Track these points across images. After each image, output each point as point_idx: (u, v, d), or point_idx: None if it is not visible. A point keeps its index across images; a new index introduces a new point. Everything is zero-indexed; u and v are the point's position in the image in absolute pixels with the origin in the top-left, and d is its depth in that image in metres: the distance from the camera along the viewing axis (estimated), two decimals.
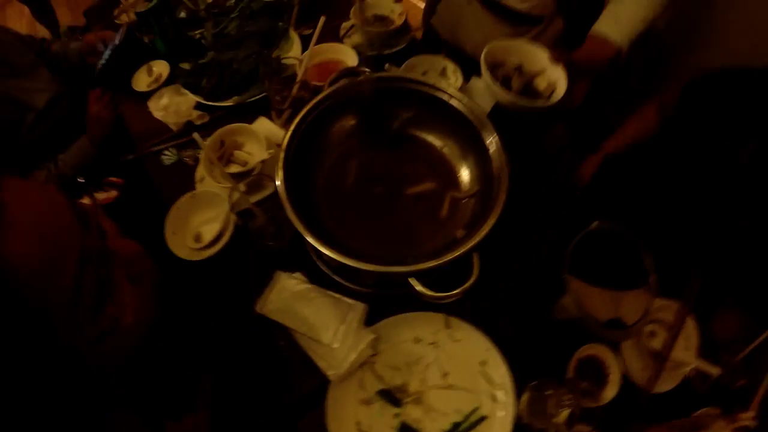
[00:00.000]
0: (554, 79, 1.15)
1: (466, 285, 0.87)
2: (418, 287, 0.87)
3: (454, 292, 0.87)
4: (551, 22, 1.31)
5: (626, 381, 1.08)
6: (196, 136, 1.05)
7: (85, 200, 0.63)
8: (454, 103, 1.06)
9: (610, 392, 1.06)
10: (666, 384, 1.09)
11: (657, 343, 1.10)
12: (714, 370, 1.05)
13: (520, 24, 1.30)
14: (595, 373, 1.09)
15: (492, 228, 0.88)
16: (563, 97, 1.13)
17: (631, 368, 1.10)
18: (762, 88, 1.26)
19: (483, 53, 1.14)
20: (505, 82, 1.14)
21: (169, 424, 0.84)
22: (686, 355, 1.10)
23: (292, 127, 1.03)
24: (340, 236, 1.01)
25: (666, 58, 2.02)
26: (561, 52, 1.13)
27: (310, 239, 0.88)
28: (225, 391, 1.08)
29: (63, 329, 0.50)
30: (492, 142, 1.00)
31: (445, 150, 1.13)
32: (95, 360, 0.55)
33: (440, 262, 0.86)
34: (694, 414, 1.01)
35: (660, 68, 2.05)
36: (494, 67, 1.16)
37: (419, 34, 1.70)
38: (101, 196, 1.29)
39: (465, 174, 1.10)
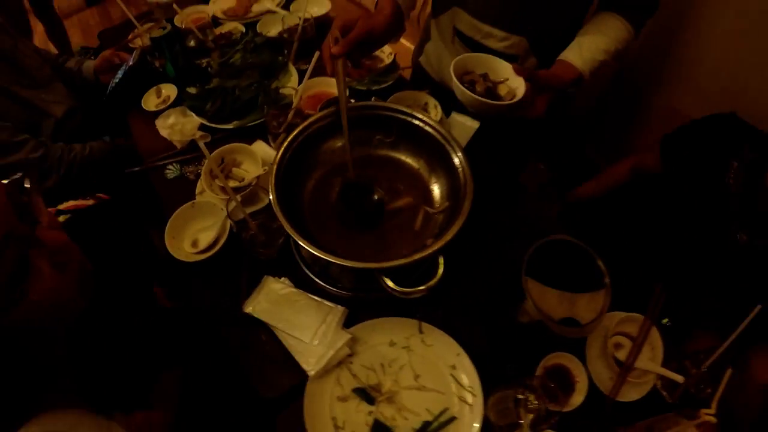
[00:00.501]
0: (515, 86, 1.26)
1: (431, 283, 0.97)
2: (389, 284, 0.96)
3: (420, 288, 0.97)
4: (525, 61, 1.43)
5: (595, 390, 1.16)
6: (201, 143, 1.14)
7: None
8: (427, 128, 1.19)
9: (578, 398, 1.13)
10: (634, 393, 1.17)
11: (622, 355, 1.19)
12: (678, 378, 1.13)
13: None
14: (563, 380, 1.16)
15: (456, 234, 0.98)
16: (525, 106, 1.25)
17: (598, 378, 1.17)
18: (732, 127, 1.41)
19: (453, 62, 1.25)
20: (471, 87, 1.25)
21: (118, 415, 0.89)
22: (651, 365, 1.18)
23: (285, 145, 1.14)
24: (323, 242, 1.10)
25: (642, 101, 2.15)
26: (524, 67, 1.24)
27: (297, 239, 0.97)
28: (195, 388, 1.15)
29: None
30: (459, 160, 1.11)
31: (420, 169, 1.24)
32: (6, 327, 0.63)
33: (408, 260, 0.96)
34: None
35: (636, 111, 2.18)
36: (463, 74, 1.28)
37: (407, 73, 1.83)
38: (77, 202, 1.36)
39: (437, 190, 1.21)
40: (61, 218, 1.09)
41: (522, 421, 1.01)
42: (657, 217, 1.63)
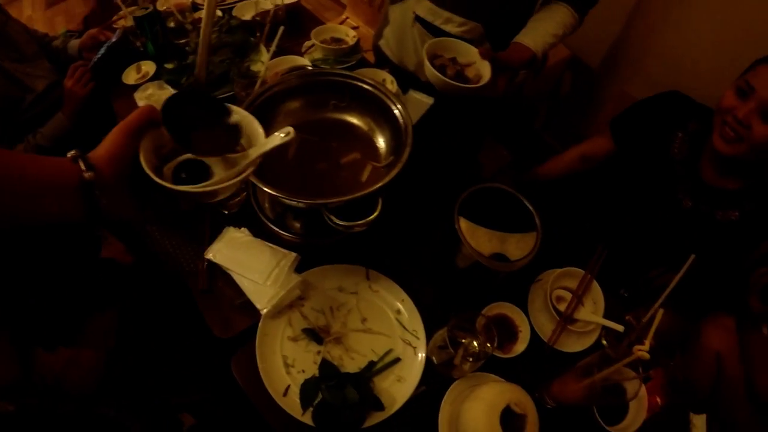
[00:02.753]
0: (481, 70, 1.40)
1: (369, 218, 1.06)
2: (334, 219, 1.05)
3: (359, 222, 1.06)
4: (480, 45, 1.55)
5: (539, 340, 1.23)
6: None
7: None
8: (374, 90, 1.28)
9: (520, 346, 1.21)
10: (578, 345, 1.25)
11: (564, 307, 1.27)
12: (618, 327, 1.20)
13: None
14: (506, 330, 1.24)
15: (394, 178, 1.06)
16: (488, 87, 1.37)
17: (541, 330, 1.25)
18: (676, 103, 1.50)
19: (425, 47, 1.39)
20: (441, 71, 1.37)
21: (39, 351, 0.95)
22: (592, 317, 1.26)
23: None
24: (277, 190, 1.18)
25: (595, 87, 2.26)
26: (488, 50, 1.39)
27: (255, 181, 1.05)
28: (136, 331, 1.21)
29: None
30: (399, 112, 1.21)
31: (368, 129, 1.33)
32: None
33: (349, 197, 1.04)
34: None
35: (590, 96, 2.29)
36: (433, 58, 1.41)
37: (369, 56, 1.95)
38: None
39: (383, 145, 1.30)
40: None
41: (458, 361, 1.08)
42: (606, 188, 1.72)
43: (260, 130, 0.82)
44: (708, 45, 1.81)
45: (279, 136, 0.77)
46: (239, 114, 0.81)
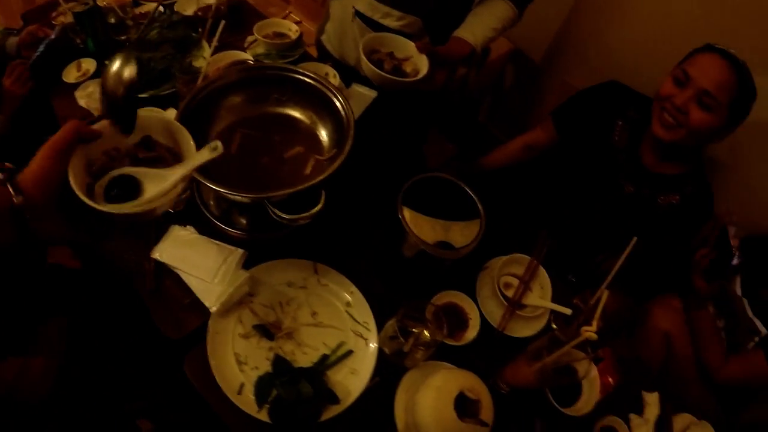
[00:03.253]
0: (418, 64, 1.41)
1: (313, 210, 1.05)
2: (278, 213, 1.05)
3: (303, 214, 1.05)
4: (419, 39, 1.56)
5: (489, 327, 1.25)
6: None
7: None
8: (315, 84, 1.27)
9: (471, 334, 1.23)
10: (528, 330, 1.28)
11: (512, 293, 1.30)
12: (566, 310, 1.22)
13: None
14: (456, 318, 1.26)
15: (337, 170, 1.07)
16: (427, 81, 1.38)
17: (490, 317, 1.27)
18: (616, 92, 1.54)
19: (362, 42, 1.39)
20: (379, 66, 1.37)
21: None
22: (540, 301, 1.29)
23: (189, 98, 1.21)
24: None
25: (537, 79, 2.31)
26: (425, 44, 1.40)
27: (198, 177, 1.03)
28: (87, 337, 1.19)
29: None
30: (340, 104, 1.22)
31: (310, 122, 1.33)
32: None
33: (291, 190, 1.04)
34: None
35: (532, 87, 2.34)
36: (371, 53, 1.41)
37: (312, 50, 1.95)
38: None
39: (325, 138, 1.30)
40: None
41: (410, 350, 1.09)
42: (550, 177, 1.76)
43: (191, 143, 0.82)
44: (648, 36, 1.87)
45: (206, 153, 0.79)
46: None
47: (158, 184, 0.76)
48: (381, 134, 1.37)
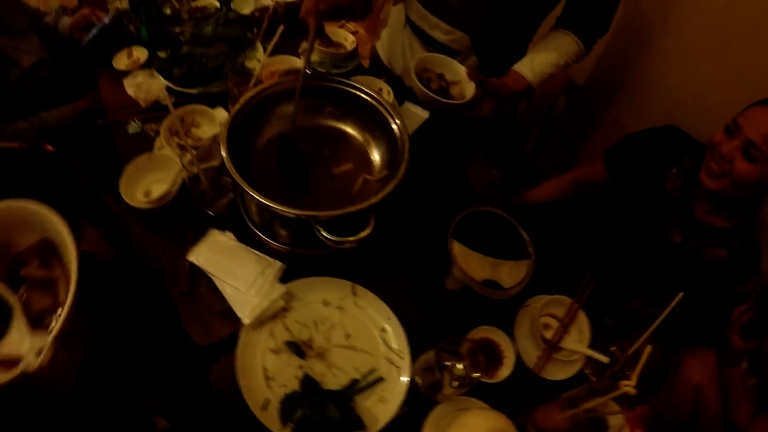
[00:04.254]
0: (466, 89, 1.38)
1: (361, 235, 1.03)
2: (324, 233, 1.02)
3: (350, 238, 1.03)
4: (467, 58, 1.53)
5: (523, 367, 1.22)
6: (166, 96, 1.22)
7: None
8: (372, 101, 1.26)
9: (505, 372, 1.19)
10: (562, 373, 1.23)
11: (551, 335, 1.26)
12: (603, 358, 1.19)
13: (441, 53, 1.49)
14: (491, 354, 1.22)
15: (389, 196, 1.04)
16: (470, 107, 1.36)
17: (526, 356, 1.24)
18: (673, 138, 1.50)
19: (416, 61, 1.36)
20: (426, 84, 1.34)
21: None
22: (578, 346, 1.25)
23: (240, 104, 1.19)
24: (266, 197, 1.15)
25: (588, 113, 2.26)
26: (476, 74, 1.35)
27: (243, 185, 1.02)
28: (112, 333, 1.17)
29: None
30: (397, 127, 1.19)
31: (363, 140, 1.32)
32: None
33: (340, 212, 1.02)
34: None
35: (583, 122, 2.29)
36: (422, 71, 1.38)
37: (366, 63, 1.92)
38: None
39: (377, 159, 1.28)
40: None
41: (443, 384, 1.06)
42: (596, 218, 1.72)
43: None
44: (707, 86, 1.82)
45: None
46: None
47: (26, 325, 0.69)
48: (428, 156, 1.34)
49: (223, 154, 1.08)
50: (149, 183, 1.36)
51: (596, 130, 2.23)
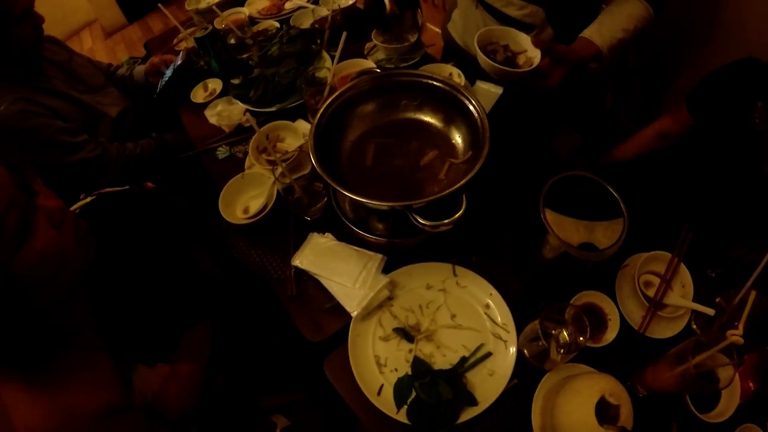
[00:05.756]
0: (532, 57, 1.38)
1: (455, 216, 1.06)
2: (420, 219, 1.06)
3: (445, 221, 1.06)
4: (542, 30, 1.52)
5: (628, 328, 1.21)
6: (250, 119, 1.30)
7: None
8: (445, 87, 1.28)
9: (610, 335, 1.19)
10: (668, 330, 1.22)
11: (653, 293, 1.24)
12: (709, 311, 1.16)
13: (515, 29, 1.51)
14: (596, 318, 1.22)
15: (477, 174, 1.07)
16: (542, 76, 1.36)
17: (630, 316, 1.22)
18: (753, 70, 1.46)
19: (477, 34, 1.37)
20: (492, 57, 1.36)
21: (140, 366, 1.00)
22: (682, 301, 1.23)
23: (321, 111, 1.26)
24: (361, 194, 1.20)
25: (663, 58, 2.19)
26: (541, 40, 1.35)
27: (337, 187, 1.08)
28: (230, 344, 1.25)
29: None
30: (474, 108, 1.22)
31: (443, 126, 1.34)
32: (15, 271, 0.75)
33: (433, 197, 1.05)
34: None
35: (661, 70, 2.22)
36: (486, 45, 1.40)
37: (431, 50, 1.94)
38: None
39: (459, 142, 1.31)
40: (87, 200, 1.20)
41: (550, 353, 1.07)
42: (685, 165, 1.67)
43: None
44: None
45: None
46: None
47: None
48: (510, 131, 1.36)
49: (314, 161, 1.14)
50: (246, 200, 1.45)
51: (674, 75, 2.16)
